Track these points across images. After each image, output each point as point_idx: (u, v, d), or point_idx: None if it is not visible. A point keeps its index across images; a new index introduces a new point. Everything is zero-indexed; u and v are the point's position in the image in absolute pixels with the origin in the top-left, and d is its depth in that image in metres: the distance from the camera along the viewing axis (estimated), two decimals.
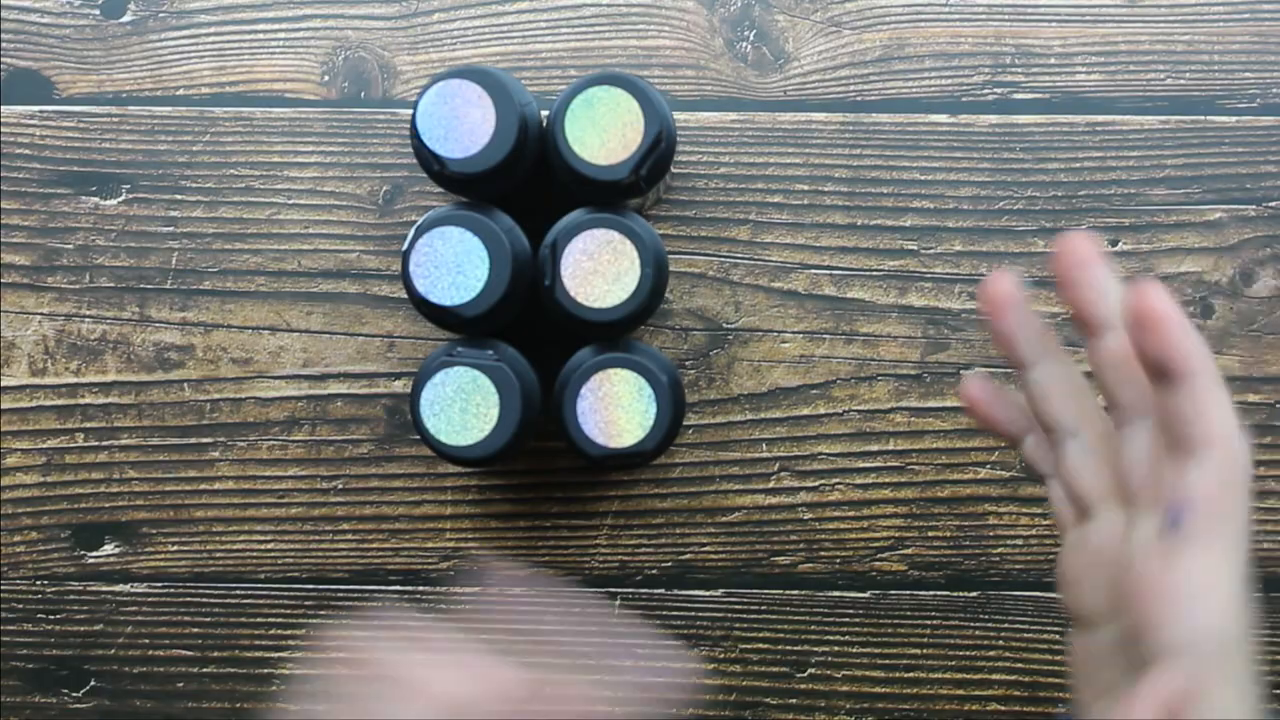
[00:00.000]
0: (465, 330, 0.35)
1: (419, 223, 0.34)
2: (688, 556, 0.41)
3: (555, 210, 0.35)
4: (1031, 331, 0.30)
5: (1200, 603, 0.30)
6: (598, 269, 0.34)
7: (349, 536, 0.41)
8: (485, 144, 0.33)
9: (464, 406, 0.34)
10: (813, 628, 0.41)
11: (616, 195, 0.34)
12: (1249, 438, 0.30)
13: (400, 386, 0.41)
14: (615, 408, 0.34)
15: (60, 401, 0.41)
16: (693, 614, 0.42)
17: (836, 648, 0.41)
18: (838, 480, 0.41)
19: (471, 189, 0.34)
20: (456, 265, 0.33)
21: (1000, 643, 0.41)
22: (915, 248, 0.42)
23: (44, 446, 0.41)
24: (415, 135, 0.33)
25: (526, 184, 0.36)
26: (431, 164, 0.34)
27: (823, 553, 0.41)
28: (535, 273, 0.35)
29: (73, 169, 0.42)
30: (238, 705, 0.41)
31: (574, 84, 0.34)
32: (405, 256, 0.34)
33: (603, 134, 0.34)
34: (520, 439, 0.34)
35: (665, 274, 0.35)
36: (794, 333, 0.41)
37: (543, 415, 0.36)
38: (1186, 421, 0.29)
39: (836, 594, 0.41)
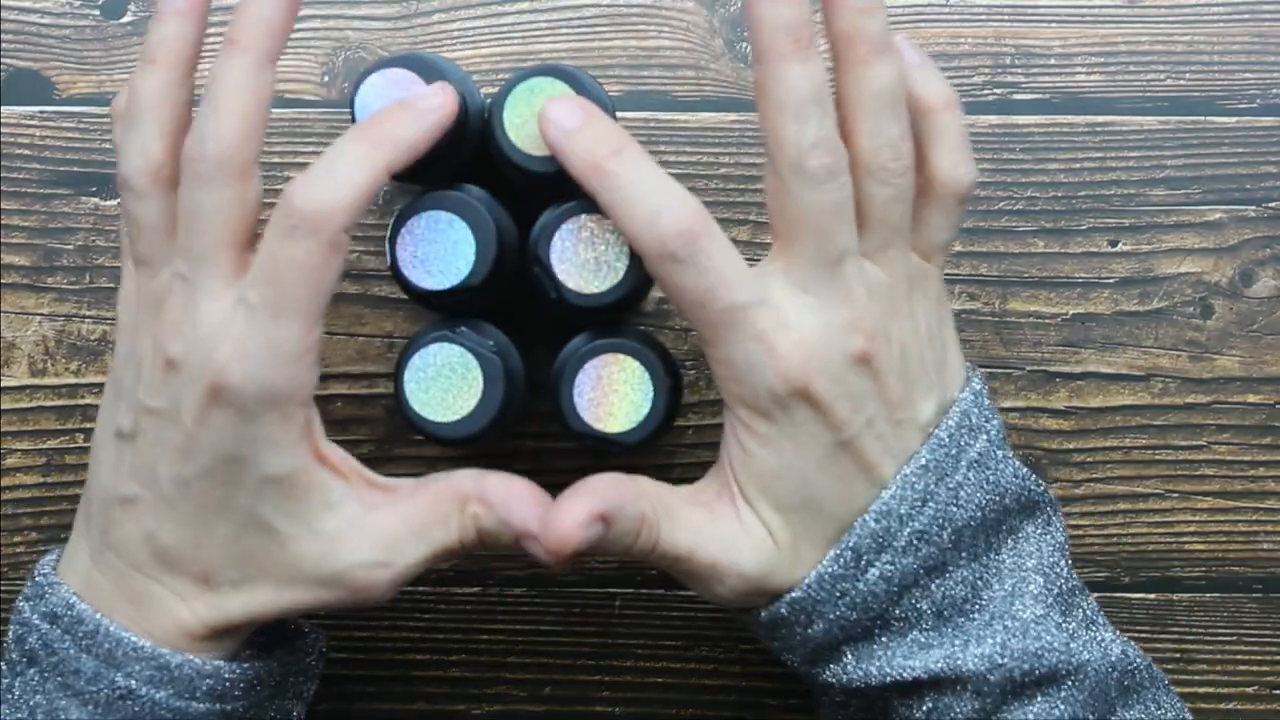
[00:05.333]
0: (453, 310, 0.35)
1: (400, 208, 0.34)
2: None
3: (504, 199, 0.36)
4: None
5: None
6: (587, 254, 0.34)
7: None
8: None
9: (445, 386, 0.34)
10: None
11: (552, 188, 0.35)
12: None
13: None
14: (612, 392, 0.34)
15: (60, 402, 0.41)
16: (692, 614, 0.42)
17: None
18: None
19: (419, 175, 0.35)
20: (441, 247, 0.34)
21: None
22: None
23: (44, 447, 0.41)
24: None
25: (471, 170, 0.36)
26: None
27: None
28: (526, 259, 0.35)
29: (73, 169, 0.42)
30: None
31: (518, 73, 0.34)
32: (391, 242, 0.34)
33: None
34: (490, 431, 0.34)
35: None
36: None
37: (527, 398, 0.36)
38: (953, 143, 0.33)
39: None
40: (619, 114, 0.40)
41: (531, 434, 0.41)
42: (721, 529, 0.32)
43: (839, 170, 0.30)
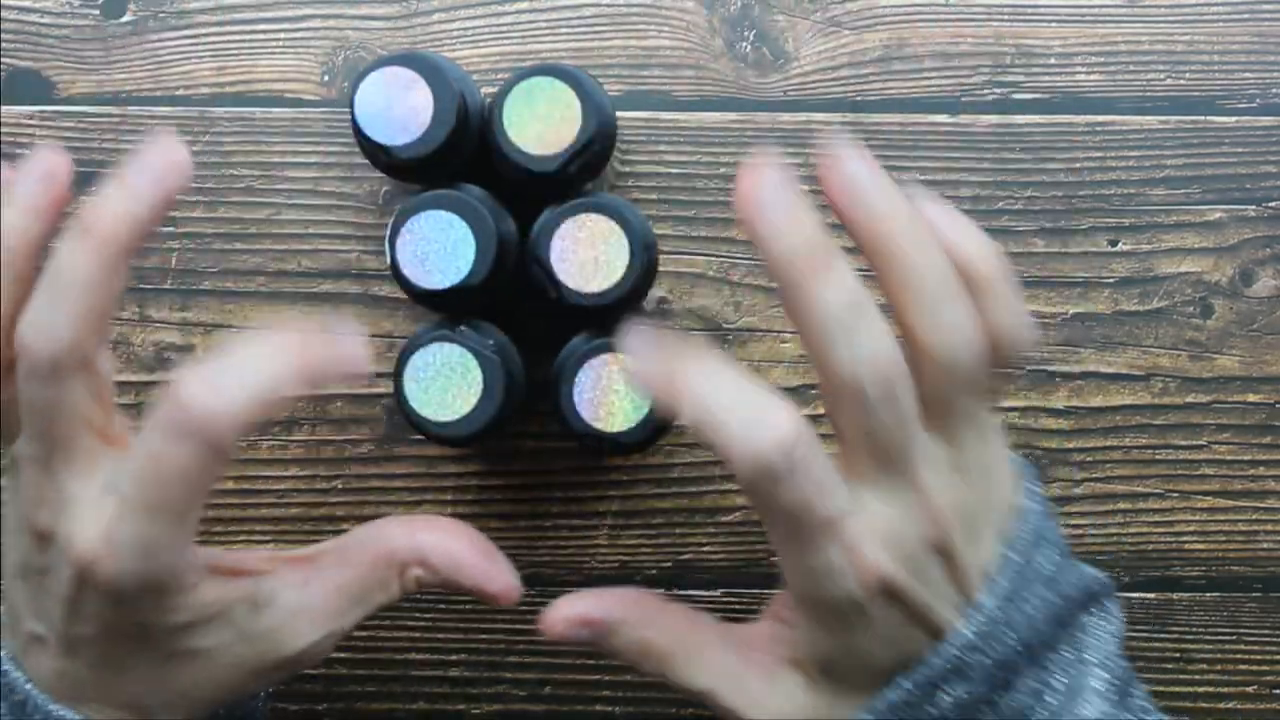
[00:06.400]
0: (453, 310, 0.35)
1: (400, 208, 0.34)
2: (688, 556, 0.41)
3: (504, 199, 0.35)
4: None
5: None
6: (587, 254, 0.34)
7: None
8: (427, 126, 0.34)
9: (445, 385, 0.34)
10: None
11: (551, 187, 0.35)
12: None
13: None
14: (613, 392, 0.34)
15: None
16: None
17: None
18: None
19: (421, 174, 0.35)
20: (442, 247, 0.34)
21: None
22: None
23: None
24: (357, 130, 0.34)
25: (471, 170, 0.36)
26: (379, 155, 0.34)
27: None
28: (526, 258, 0.35)
29: (73, 169, 0.41)
30: None
31: (518, 72, 0.34)
32: (391, 242, 0.34)
33: (540, 125, 0.34)
34: (489, 430, 0.34)
35: (655, 255, 0.35)
36: (794, 332, 0.41)
37: (527, 398, 0.36)
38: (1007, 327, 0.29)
39: None
40: (619, 113, 0.40)
41: (532, 434, 0.41)
42: (750, 682, 0.31)
43: (897, 380, 0.28)
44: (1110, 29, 0.42)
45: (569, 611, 0.31)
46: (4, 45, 0.42)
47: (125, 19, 0.42)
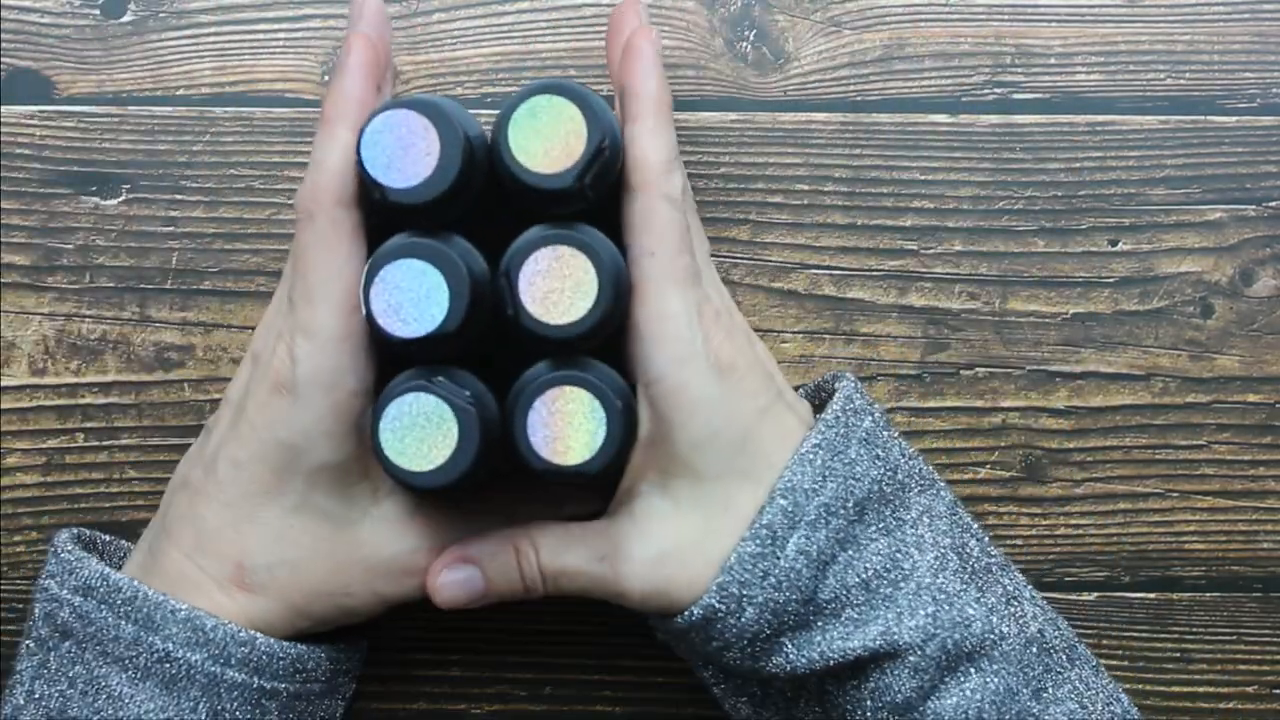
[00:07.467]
0: (429, 359, 0.34)
1: (372, 258, 0.33)
2: None
3: (508, 231, 0.35)
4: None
5: (681, 324, 0.33)
6: (555, 286, 0.33)
7: None
8: (430, 173, 0.33)
9: (421, 436, 0.33)
10: None
11: (564, 204, 0.34)
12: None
13: None
14: (565, 425, 0.34)
15: (60, 401, 0.41)
16: None
17: None
18: None
19: (418, 218, 0.34)
20: (415, 295, 0.33)
21: None
22: (915, 248, 0.42)
23: (44, 446, 0.42)
24: (360, 166, 0.33)
25: (475, 208, 0.35)
26: (375, 194, 0.33)
27: None
28: (496, 297, 0.34)
29: (73, 169, 0.42)
30: None
31: (517, 93, 0.33)
32: (365, 291, 0.33)
33: (546, 143, 0.33)
34: (465, 481, 0.33)
35: (624, 282, 0.34)
36: (794, 332, 0.41)
37: (504, 446, 0.35)
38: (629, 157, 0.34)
39: None
40: (618, 113, 0.40)
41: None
42: (608, 529, 0.34)
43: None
44: (1110, 29, 0.42)
45: (444, 561, 0.34)
46: (4, 45, 0.42)
47: (125, 19, 0.42)
